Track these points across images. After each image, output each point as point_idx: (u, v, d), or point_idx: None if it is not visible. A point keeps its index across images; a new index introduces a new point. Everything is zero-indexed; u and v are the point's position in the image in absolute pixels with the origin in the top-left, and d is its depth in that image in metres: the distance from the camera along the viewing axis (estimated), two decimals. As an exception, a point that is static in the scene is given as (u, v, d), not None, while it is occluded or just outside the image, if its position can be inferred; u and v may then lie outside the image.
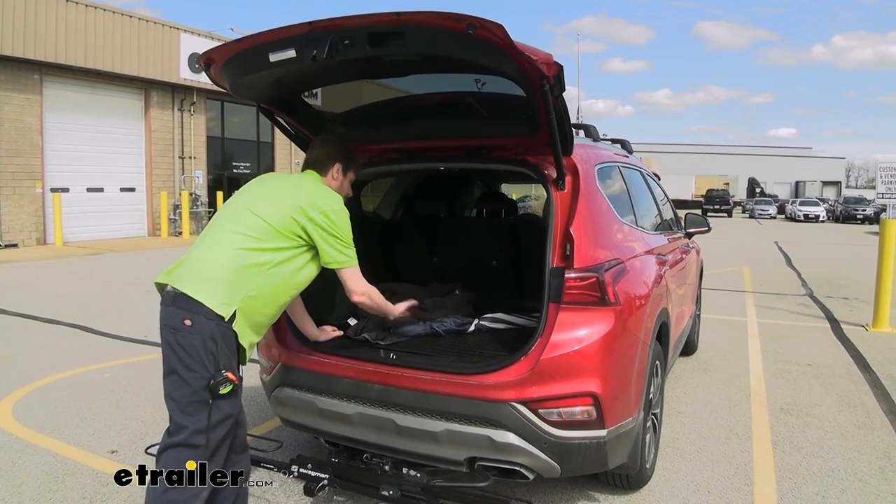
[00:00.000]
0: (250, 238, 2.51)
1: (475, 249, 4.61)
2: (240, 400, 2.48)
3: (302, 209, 2.60)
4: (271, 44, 2.68)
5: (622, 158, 4.27)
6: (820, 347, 6.66)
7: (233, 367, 2.38)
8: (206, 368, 2.31)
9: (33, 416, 4.37)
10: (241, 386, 2.45)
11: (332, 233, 2.63)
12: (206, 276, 2.42)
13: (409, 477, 2.84)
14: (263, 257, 2.51)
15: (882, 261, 7.50)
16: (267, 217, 2.56)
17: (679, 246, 4.93)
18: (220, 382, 2.31)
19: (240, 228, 2.54)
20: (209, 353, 2.32)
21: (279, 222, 2.56)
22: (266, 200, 2.65)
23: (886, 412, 4.65)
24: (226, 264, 2.44)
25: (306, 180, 2.82)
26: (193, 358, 2.31)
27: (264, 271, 2.50)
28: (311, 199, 2.64)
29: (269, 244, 2.54)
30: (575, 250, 2.83)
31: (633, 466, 3.16)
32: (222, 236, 2.54)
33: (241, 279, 2.43)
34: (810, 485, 3.51)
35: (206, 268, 2.45)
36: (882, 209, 20.56)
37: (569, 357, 2.71)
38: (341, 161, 2.90)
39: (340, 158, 2.90)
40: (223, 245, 2.50)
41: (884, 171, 9.02)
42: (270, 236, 2.55)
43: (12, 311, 7.75)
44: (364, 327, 3.47)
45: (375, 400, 2.91)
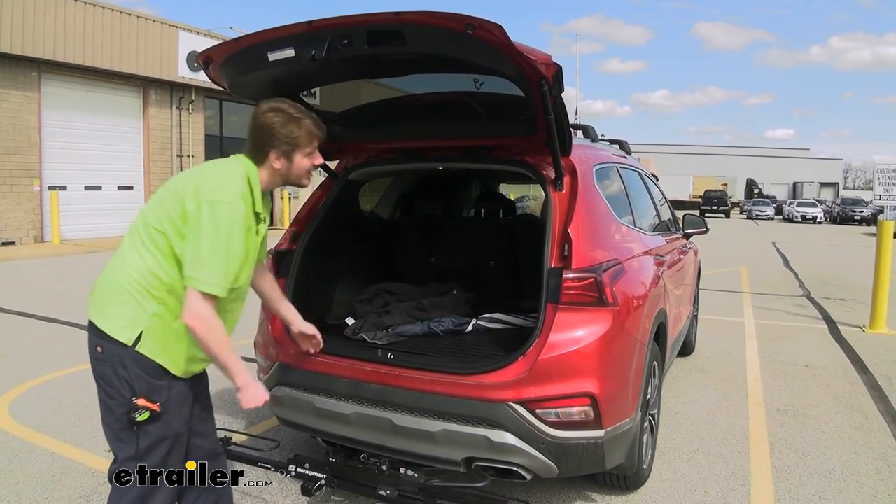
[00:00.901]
0: (144, 248, 2.16)
1: (473, 249, 4.61)
2: (178, 417, 2.21)
3: (181, 199, 2.13)
4: (270, 42, 2.68)
5: (620, 159, 4.28)
6: (817, 348, 6.67)
7: (151, 392, 2.12)
8: (123, 395, 2.11)
9: (30, 414, 4.36)
10: (171, 405, 2.17)
11: (204, 232, 2.06)
12: (105, 299, 2.18)
13: (407, 477, 2.85)
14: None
15: (879, 262, 7.52)
16: (152, 220, 2.18)
17: (677, 247, 4.94)
18: (133, 410, 2.09)
19: (135, 238, 2.21)
20: (121, 379, 2.11)
21: (158, 223, 2.17)
22: (155, 200, 2.25)
23: (883, 413, 4.66)
24: (121, 282, 2.15)
25: (213, 165, 2.30)
26: (110, 385, 2.13)
27: (163, 285, 2.14)
28: (198, 186, 2.14)
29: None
30: (573, 251, 2.83)
31: (631, 467, 3.16)
32: (120, 250, 2.24)
33: (140, 297, 2.13)
34: (807, 486, 3.51)
35: (104, 290, 2.20)
36: (879, 210, 20.59)
37: (566, 357, 2.71)
38: (276, 146, 2.25)
39: (273, 142, 2.24)
40: (119, 260, 2.22)
41: (881, 172, 9.01)
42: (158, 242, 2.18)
43: (9, 309, 7.73)
44: (361, 327, 3.48)
45: (373, 400, 2.91)
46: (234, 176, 2.19)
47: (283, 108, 2.25)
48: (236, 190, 2.14)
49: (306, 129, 2.26)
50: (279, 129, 2.23)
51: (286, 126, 2.23)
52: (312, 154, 2.32)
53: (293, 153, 2.27)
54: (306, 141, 2.28)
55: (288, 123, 2.24)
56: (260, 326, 3.44)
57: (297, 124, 2.25)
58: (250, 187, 2.22)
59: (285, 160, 2.27)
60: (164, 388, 2.15)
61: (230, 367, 2.15)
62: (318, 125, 2.31)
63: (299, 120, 2.25)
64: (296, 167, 2.29)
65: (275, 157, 2.26)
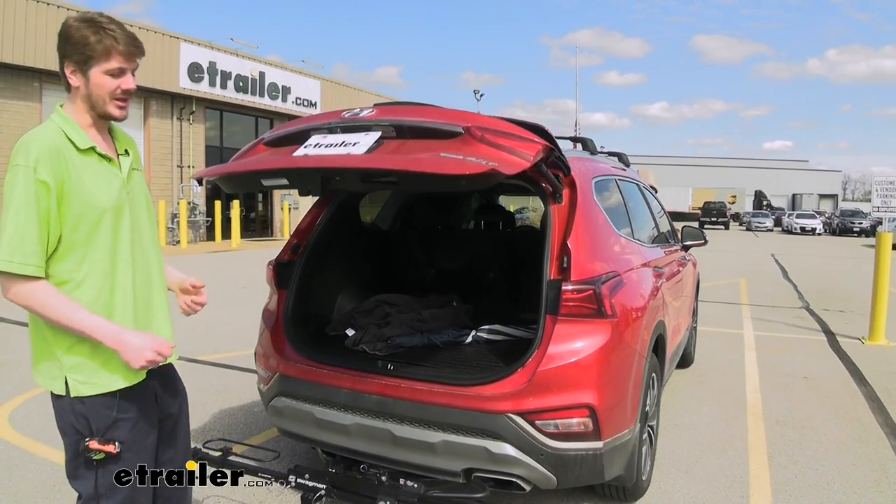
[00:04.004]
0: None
1: (473, 261, 4.63)
2: (141, 450, 1.97)
3: None
4: (264, 173, 2.76)
5: (619, 171, 4.31)
6: (816, 360, 6.67)
7: (108, 429, 1.88)
8: (78, 432, 1.88)
9: (30, 423, 4.36)
10: (131, 440, 1.93)
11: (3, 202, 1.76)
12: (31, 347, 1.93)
13: (406, 487, 2.85)
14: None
15: (878, 274, 7.54)
16: None
17: (676, 258, 4.96)
18: (86, 451, 1.86)
19: None
20: (78, 414, 1.87)
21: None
22: None
23: (882, 425, 4.66)
24: (31, 327, 1.92)
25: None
26: (64, 420, 1.90)
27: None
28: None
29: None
30: (572, 263, 2.85)
31: (630, 478, 3.17)
32: None
33: (39, 325, 1.88)
34: (806, 497, 3.51)
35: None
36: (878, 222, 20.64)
37: (565, 369, 2.73)
38: (68, 55, 1.86)
39: (66, 50, 1.86)
40: None
41: (879, 184, 9.05)
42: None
43: (9, 319, 7.74)
44: (361, 338, 3.49)
45: (373, 410, 2.92)
46: (32, 131, 1.85)
47: (90, 17, 1.87)
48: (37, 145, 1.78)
49: (105, 38, 1.83)
50: (73, 34, 1.83)
51: (80, 31, 1.83)
52: (117, 74, 1.88)
53: (87, 66, 1.84)
54: (102, 52, 1.83)
55: (84, 29, 1.83)
56: (260, 337, 3.46)
57: (94, 30, 1.83)
58: (63, 130, 1.86)
59: (81, 76, 1.86)
60: (122, 421, 1.90)
61: (84, 329, 1.78)
62: (127, 39, 1.88)
63: (101, 27, 1.84)
64: (94, 86, 1.86)
65: (70, 72, 1.86)
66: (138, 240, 1.99)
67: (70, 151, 1.83)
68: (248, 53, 22.71)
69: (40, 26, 15.42)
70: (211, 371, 5.64)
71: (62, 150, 1.81)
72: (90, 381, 1.86)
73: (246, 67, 22.30)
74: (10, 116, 15.32)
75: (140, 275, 1.99)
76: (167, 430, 2.11)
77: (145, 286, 2.01)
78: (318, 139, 2.76)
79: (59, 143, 1.82)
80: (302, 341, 3.32)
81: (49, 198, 1.77)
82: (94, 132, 1.92)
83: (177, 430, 2.16)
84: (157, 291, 2.07)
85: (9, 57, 14.88)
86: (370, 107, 2.90)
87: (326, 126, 2.82)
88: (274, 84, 23.27)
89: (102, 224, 1.87)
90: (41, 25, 15.42)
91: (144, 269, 2.01)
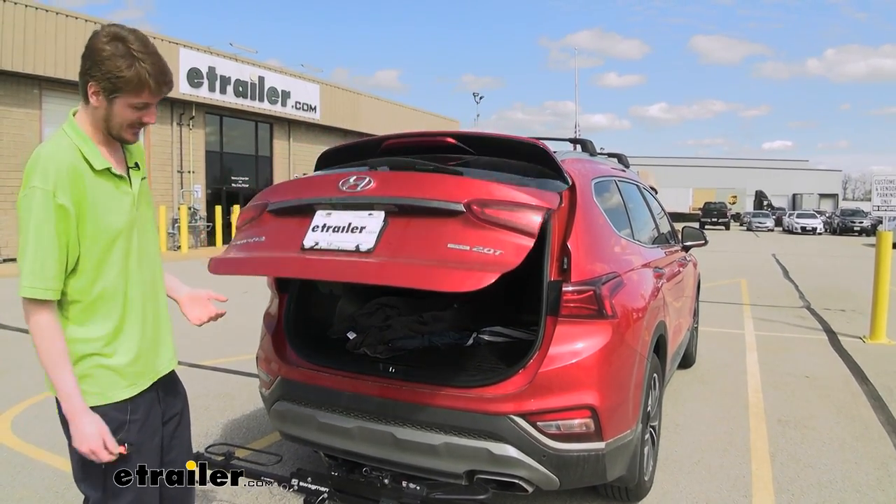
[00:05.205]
0: None
1: None
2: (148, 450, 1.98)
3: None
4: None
5: (619, 172, 4.31)
6: (817, 359, 6.68)
7: (118, 431, 1.87)
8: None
9: (33, 430, 4.36)
10: (139, 440, 1.94)
11: (20, 227, 1.76)
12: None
13: (409, 490, 2.85)
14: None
15: (879, 273, 7.54)
16: None
17: (676, 259, 4.96)
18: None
19: None
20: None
21: None
22: None
23: (884, 423, 4.67)
24: None
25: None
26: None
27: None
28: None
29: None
30: (572, 264, 2.85)
31: (632, 479, 3.17)
32: None
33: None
34: (808, 496, 3.52)
35: None
36: (879, 221, 20.65)
37: (567, 370, 2.74)
38: (95, 77, 1.78)
39: (94, 71, 1.77)
40: None
41: (879, 183, 9.04)
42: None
43: (11, 326, 7.75)
44: (363, 341, 3.49)
45: (375, 413, 2.92)
46: (47, 147, 1.81)
47: (123, 38, 1.77)
48: (55, 165, 1.76)
49: (138, 72, 1.77)
50: (104, 59, 1.75)
51: (113, 60, 1.75)
52: (142, 108, 1.86)
53: (114, 95, 1.79)
54: (133, 87, 1.78)
55: (117, 58, 1.75)
56: (261, 341, 3.46)
57: (128, 62, 1.76)
58: (79, 148, 1.82)
59: (104, 100, 1.80)
60: (132, 422, 1.92)
61: (58, 388, 1.78)
62: (160, 76, 1.82)
63: (135, 59, 1.76)
64: (116, 114, 1.82)
65: (92, 91, 1.79)
66: (145, 253, 2.00)
67: (86, 172, 1.81)
68: (247, 58, 22.73)
69: (40, 33, 15.45)
70: (213, 376, 5.64)
71: (79, 172, 1.79)
72: (98, 392, 1.87)
73: (245, 72, 22.32)
74: (10, 124, 15.33)
75: (148, 287, 2.00)
76: (170, 432, 2.13)
77: (153, 299, 2.02)
78: (323, 218, 2.78)
79: (76, 164, 1.79)
80: (303, 345, 3.32)
81: (68, 221, 1.76)
82: (107, 148, 1.90)
83: (179, 432, 2.18)
84: (161, 302, 2.08)
85: (8, 64, 14.90)
86: (365, 176, 2.80)
87: (329, 202, 2.82)
88: (273, 89, 23.28)
89: (116, 245, 1.88)
90: (41, 33, 15.46)
91: (151, 281, 2.03)
